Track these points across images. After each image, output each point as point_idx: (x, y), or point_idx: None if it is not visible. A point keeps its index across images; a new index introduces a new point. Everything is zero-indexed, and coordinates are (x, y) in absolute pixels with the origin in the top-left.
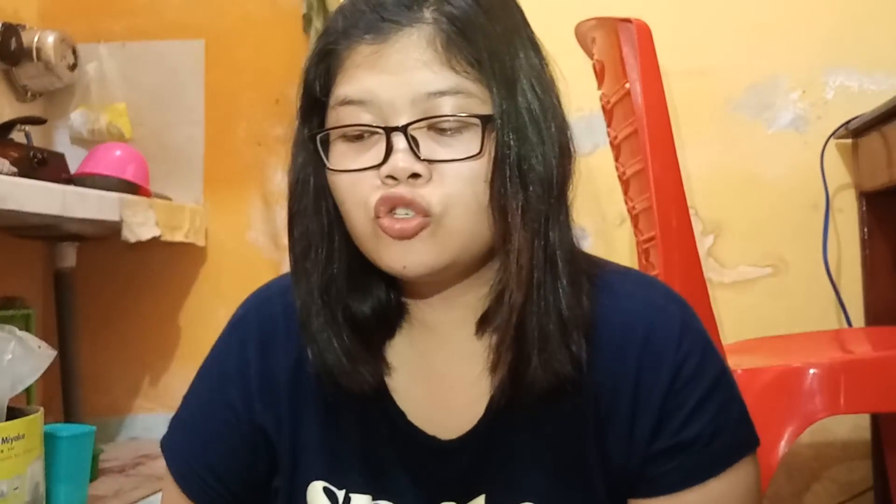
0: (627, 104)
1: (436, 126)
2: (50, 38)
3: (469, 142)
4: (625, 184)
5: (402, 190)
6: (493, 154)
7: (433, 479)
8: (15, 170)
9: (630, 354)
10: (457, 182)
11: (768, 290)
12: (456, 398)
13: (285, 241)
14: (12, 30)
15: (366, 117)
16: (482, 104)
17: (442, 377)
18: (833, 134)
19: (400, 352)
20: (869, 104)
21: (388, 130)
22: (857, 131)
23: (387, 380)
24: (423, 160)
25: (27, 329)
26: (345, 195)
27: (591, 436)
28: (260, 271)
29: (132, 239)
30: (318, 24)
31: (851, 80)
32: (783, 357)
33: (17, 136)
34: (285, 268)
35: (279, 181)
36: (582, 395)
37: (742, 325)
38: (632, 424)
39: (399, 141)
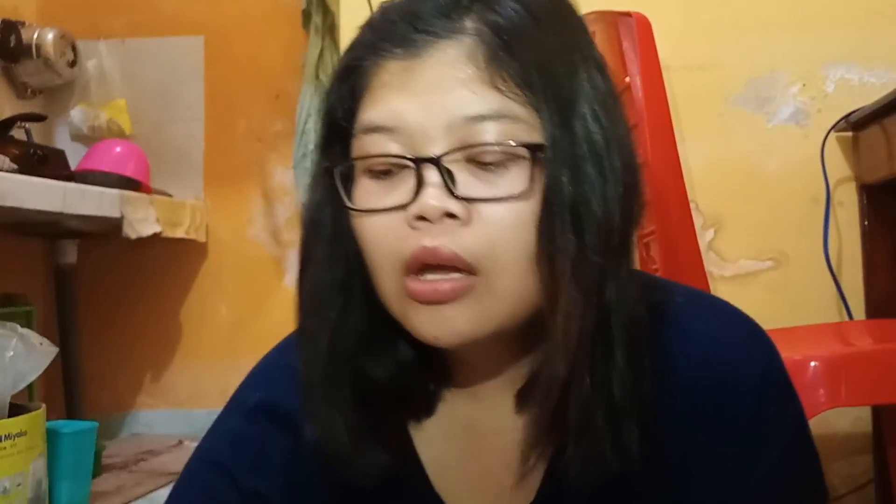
0: (627, 99)
1: (475, 158)
2: (49, 35)
3: (515, 178)
4: None
5: (438, 241)
6: (542, 193)
7: None
8: (15, 167)
9: (703, 407)
10: (501, 228)
11: (769, 284)
12: (508, 477)
13: (286, 237)
14: (12, 26)
15: (394, 147)
16: (531, 131)
17: (489, 452)
18: (833, 127)
19: (438, 424)
20: (869, 97)
21: (418, 162)
22: (858, 124)
23: (422, 459)
24: (460, 198)
25: (28, 326)
26: (369, 243)
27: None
28: (261, 267)
29: (133, 235)
30: (317, 20)
31: (851, 74)
32: (784, 350)
33: (18, 132)
34: (286, 264)
35: (279, 177)
36: (650, 469)
37: None
38: (707, 478)
39: (431, 174)
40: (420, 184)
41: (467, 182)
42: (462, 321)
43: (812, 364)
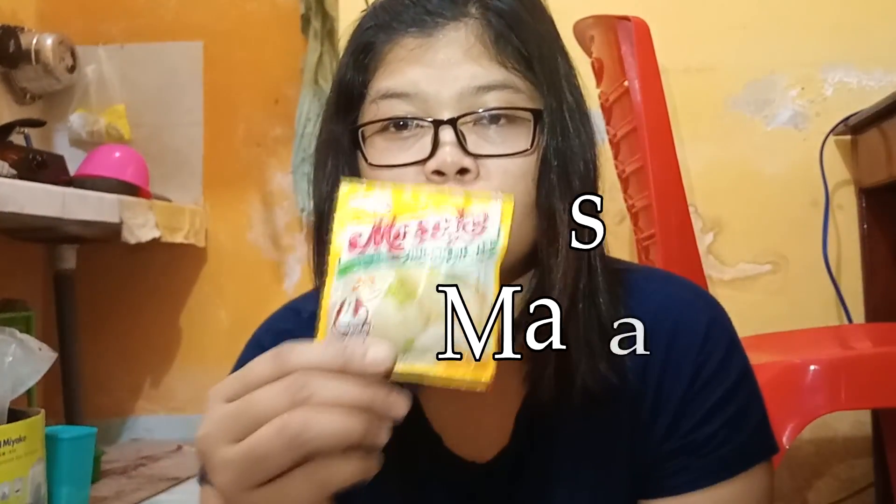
0: (626, 102)
1: (482, 121)
2: (48, 41)
3: (517, 138)
4: (624, 182)
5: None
6: (541, 151)
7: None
8: (14, 172)
9: (656, 353)
10: (506, 179)
11: (768, 287)
12: (487, 415)
13: (285, 241)
14: (11, 32)
15: (408, 111)
16: (529, 101)
17: (472, 394)
18: (832, 131)
19: None
20: (868, 101)
21: (437, 123)
22: (856, 128)
23: (421, 400)
24: (472, 155)
25: (27, 331)
26: None
27: (624, 444)
28: (260, 271)
29: (132, 240)
30: (316, 25)
31: (850, 77)
32: (784, 354)
33: (17, 138)
34: (286, 268)
35: (279, 182)
36: (613, 403)
37: (742, 322)
38: (653, 423)
39: (446, 135)
40: (436, 142)
41: (475, 142)
42: None
43: (812, 368)
